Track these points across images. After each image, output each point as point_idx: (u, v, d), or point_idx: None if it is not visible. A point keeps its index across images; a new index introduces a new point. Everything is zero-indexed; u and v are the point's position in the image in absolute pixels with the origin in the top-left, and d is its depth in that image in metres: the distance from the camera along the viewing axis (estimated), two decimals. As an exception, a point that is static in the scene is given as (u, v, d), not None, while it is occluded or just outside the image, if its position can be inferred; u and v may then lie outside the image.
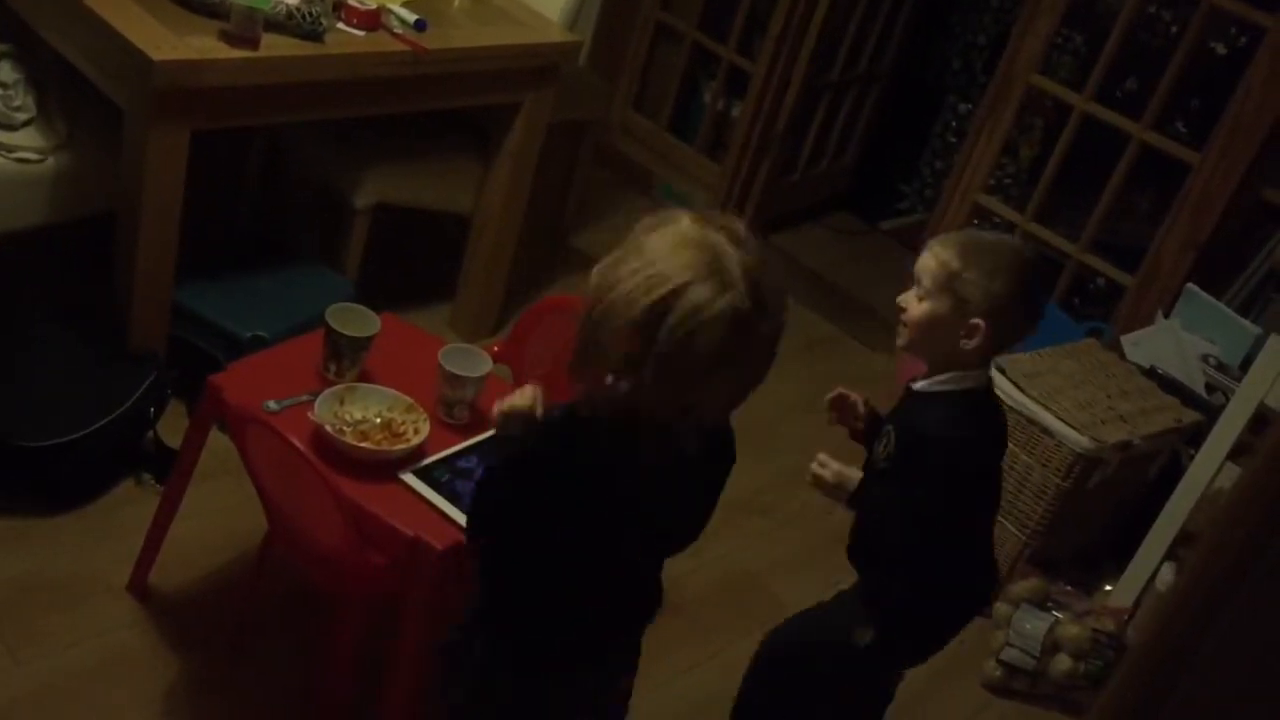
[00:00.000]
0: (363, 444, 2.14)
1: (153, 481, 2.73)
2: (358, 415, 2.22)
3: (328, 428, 2.14)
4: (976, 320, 1.90)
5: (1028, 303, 1.94)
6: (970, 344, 1.91)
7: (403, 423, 2.22)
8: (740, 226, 1.59)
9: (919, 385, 2.00)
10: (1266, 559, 0.81)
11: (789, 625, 2.27)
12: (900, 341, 2.00)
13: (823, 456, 2.11)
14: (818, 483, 2.10)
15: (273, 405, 2.22)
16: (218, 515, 2.69)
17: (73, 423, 2.62)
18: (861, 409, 2.14)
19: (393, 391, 2.26)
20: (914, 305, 1.96)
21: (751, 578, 3.06)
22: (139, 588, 2.51)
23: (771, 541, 3.20)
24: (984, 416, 2.01)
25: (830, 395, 2.18)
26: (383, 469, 2.14)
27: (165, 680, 2.37)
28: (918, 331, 1.97)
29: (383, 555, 2.06)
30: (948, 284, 1.91)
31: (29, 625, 2.39)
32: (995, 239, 2.00)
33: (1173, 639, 0.86)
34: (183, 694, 2.36)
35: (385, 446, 2.16)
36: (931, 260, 1.95)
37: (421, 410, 2.23)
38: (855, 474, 2.06)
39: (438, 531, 2.05)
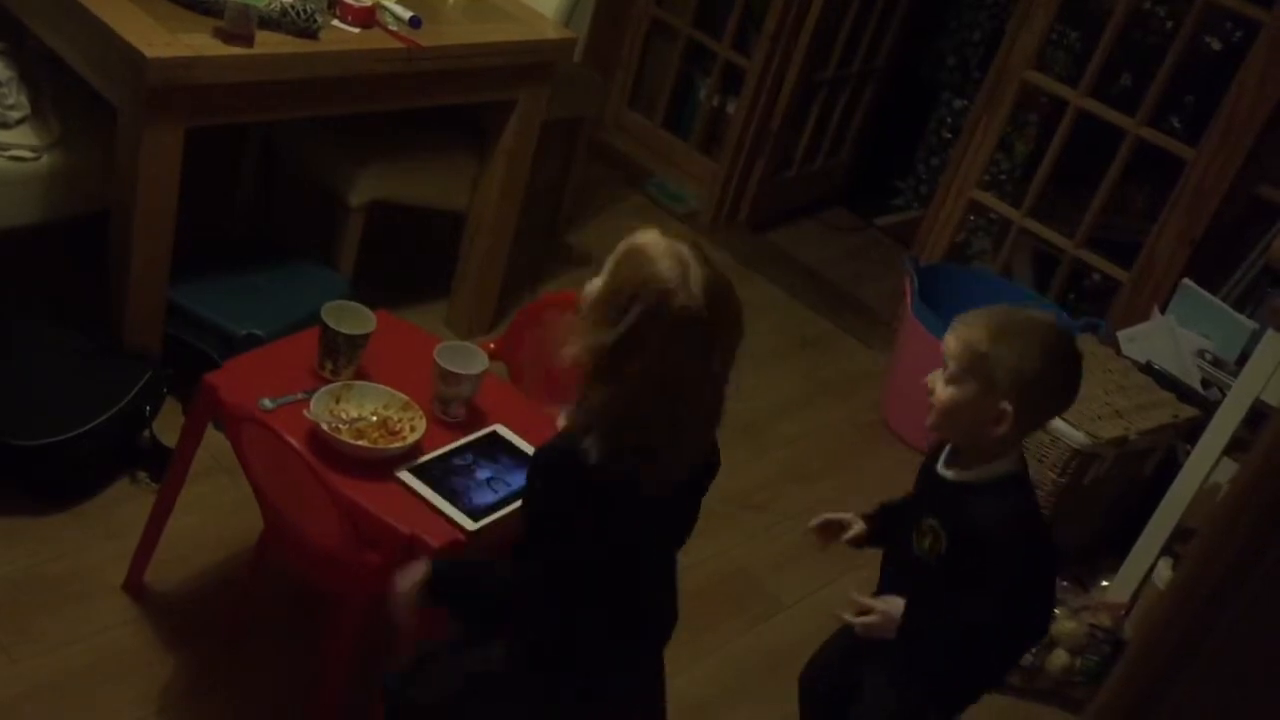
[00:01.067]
0: (359, 442, 2.14)
1: (148, 480, 2.73)
2: (353, 413, 2.22)
3: (323, 426, 2.13)
4: (1005, 405, 1.81)
5: (1065, 385, 1.87)
6: (998, 430, 1.83)
7: (399, 420, 2.22)
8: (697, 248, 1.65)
9: (954, 476, 1.92)
10: (1267, 557, 0.81)
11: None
12: (928, 421, 1.91)
13: (853, 601, 1.99)
14: (869, 631, 1.97)
15: (268, 403, 2.21)
16: (214, 513, 2.69)
17: (68, 421, 2.61)
18: (853, 526, 2.08)
19: (388, 389, 2.26)
20: (940, 388, 1.87)
21: (747, 575, 3.06)
22: (135, 586, 2.51)
23: (767, 538, 3.20)
24: (1031, 494, 1.94)
25: (814, 523, 2.13)
26: (379, 467, 2.13)
27: (161, 679, 2.37)
28: (943, 416, 1.88)
29: (380, 554, 2.06)
30: (975, 367, 1.83)
31: (25, 624, 2.38)
32: (1027, 317, 1.88)
33: (1173, 637, 0.85)
34: (179, 692, 2.35)
35: (381, 444, 2.15)
36: (956, 342, 1.86)
37: (418, 408, 2.23)
38: (898, 603, 1.96)
39: (435, 529, 2.05)
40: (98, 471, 2.71)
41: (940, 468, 1.94)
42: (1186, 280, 3.47)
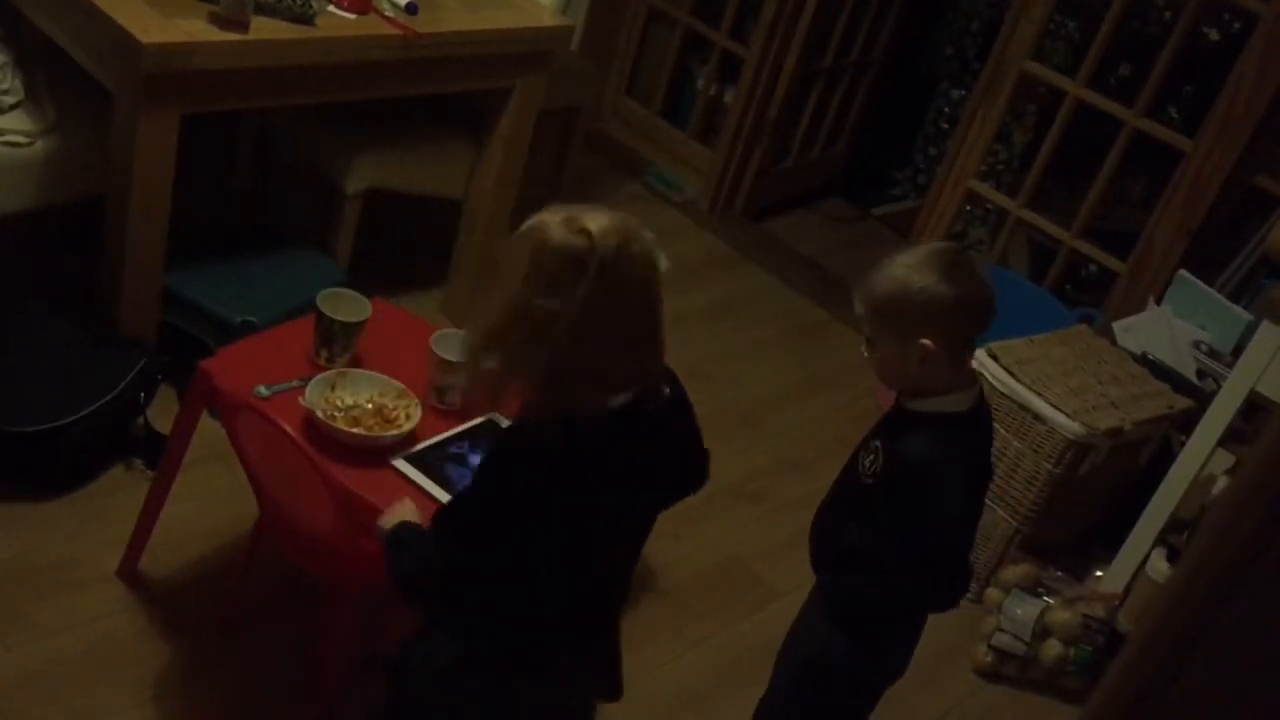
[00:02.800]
0: (354, 429, 2.13)
1: (143, 467, 2.73)
2: (349, 401, 2.22)
3: (319, 413, 2.13)
4: (924, 343, 1.83)
5: (971, 294, 1.85)
6: (930, 366, 1.85)
7: (394, 408, 2.22)
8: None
9: (907, 404, 1.95)
10: (1269, 553, 0.81)
11: (782, 649, 2.23)
12: (886, 389, 1.97)
13: None
14: None
15: (264, 391, 2.21)
16: (209, 501, 2.68)
17: (63, 408, 2.61)
18: None
19: (384, 377, 2.26)
20: (869, 354, 1.93)
21: (741, 563, 3.06)
22: (129, 573, 2.50)
23: (761, 527, 3.20)
24: (970, 438, 1.94)
25: None
26: (374, 455, 2.13)
27: (156, 666, 2.37)
28: (883, 376, 1.93)
29: (374, 541, 2.05)
30: (881, 320, 1.87)
31: (19, 611, 2.38)
32: (903, 255, 1.90)
33: (1174, 633, 0.85)
34: (173, 680, 2.35)
35: (376, 432, 2.15)
36: (859, 306, 1.91)
37: (413, 396, 2.23)
38: None
39: (430, 517, 2.04)
40: (92, 458, 2.71)
41: (904, 400, 1.98)
42: (1183, 271, 3.47)
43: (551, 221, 1.58)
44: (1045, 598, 3.01)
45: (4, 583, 2.43)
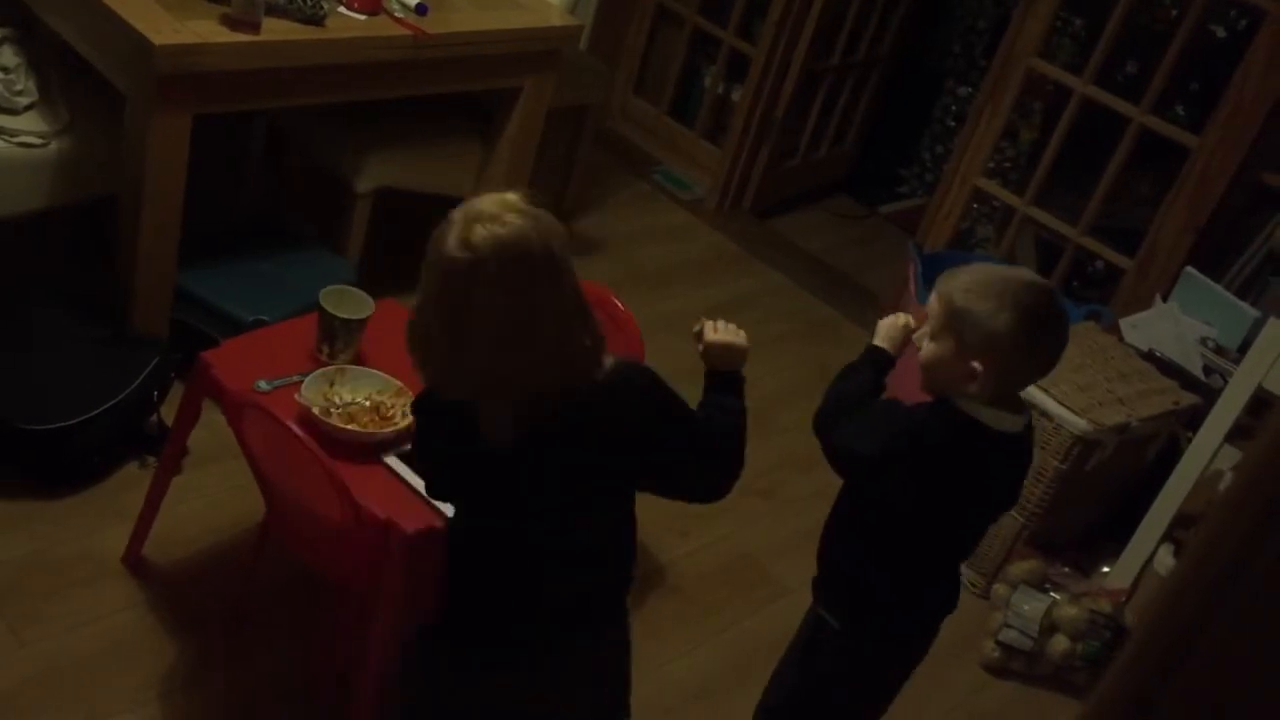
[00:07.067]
0: (348, 426, 2.15)
1: (156, 464, 2.74)
2: (347, 397, 2.23)
3: (313, 410, 2.14)
4: (975, 365, 1.80)
5: (1036, 344, 1.82)
6: (972, 388, 1.82)
7: (391, 406, 2.23)
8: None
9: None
10: (1272, 543, 0.81)
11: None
12: (921, 384, 1.93)
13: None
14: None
15: (264, 385, 2.23)
16: (219, 497, 2.71)
17: (76, 406, 2.63)
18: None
19: (384, 375, 2.28)
20: (924, 346, 1.89)
21: (751, 560, 3.08)
22: (133, 560, 2.52)
23: (771, 524, 3.21)
24: (966, 442, 1.87)
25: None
26: (369, 451, 2.15)
27: (166, 662, 2.39)
28: (924, 373, 1.90)
29: (374, 538, 2.07)
30: (950, 323, 1.83)
31: (33, 607, 2.41)
32: (1003, 275, 1.85)
33: (1177, 624, 0.86)
34: (183, 675, 2.37)
35: (372, 429, 2.17)
36: (935, 299, 1.87)
37: (411, 394, 2.24)
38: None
39: (411, 514, 2.05)
40: (106, 456, 2.73)
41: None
42: (1189, 268, 3.48)
43: (466, 208, 1.73)
44: (1052, 593, 3.02)
45: (18, 578, 2.45)
